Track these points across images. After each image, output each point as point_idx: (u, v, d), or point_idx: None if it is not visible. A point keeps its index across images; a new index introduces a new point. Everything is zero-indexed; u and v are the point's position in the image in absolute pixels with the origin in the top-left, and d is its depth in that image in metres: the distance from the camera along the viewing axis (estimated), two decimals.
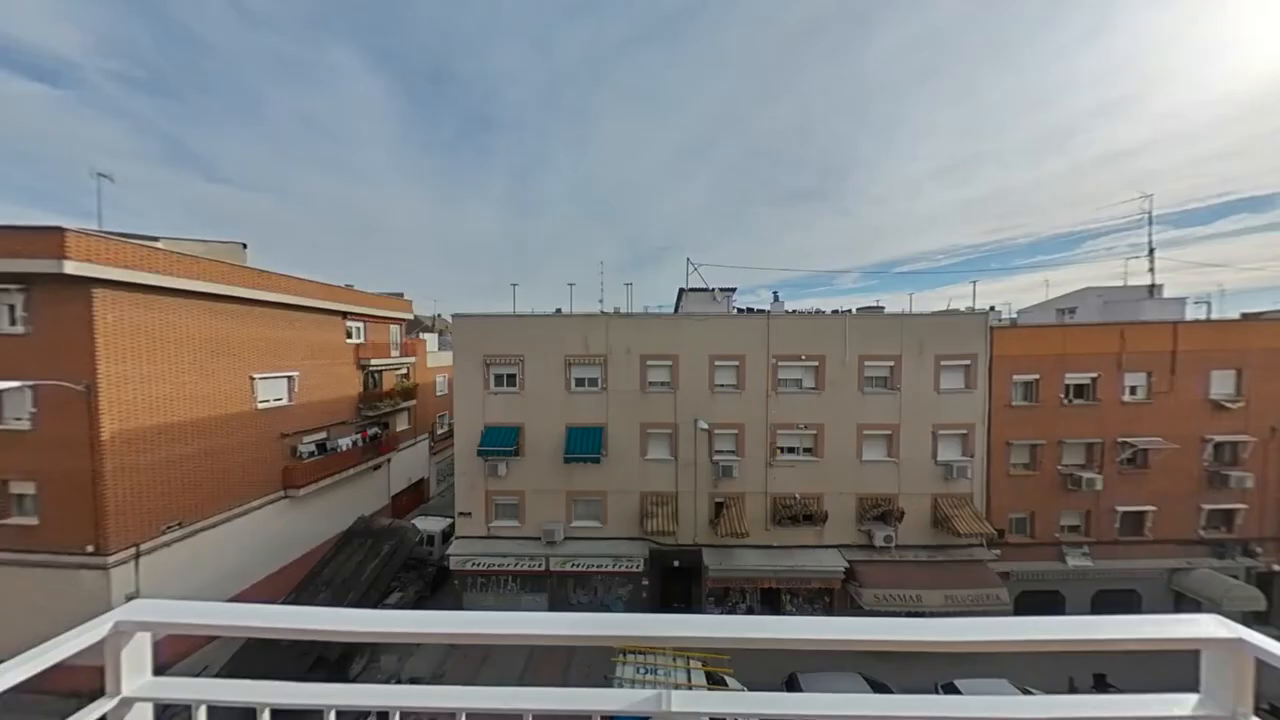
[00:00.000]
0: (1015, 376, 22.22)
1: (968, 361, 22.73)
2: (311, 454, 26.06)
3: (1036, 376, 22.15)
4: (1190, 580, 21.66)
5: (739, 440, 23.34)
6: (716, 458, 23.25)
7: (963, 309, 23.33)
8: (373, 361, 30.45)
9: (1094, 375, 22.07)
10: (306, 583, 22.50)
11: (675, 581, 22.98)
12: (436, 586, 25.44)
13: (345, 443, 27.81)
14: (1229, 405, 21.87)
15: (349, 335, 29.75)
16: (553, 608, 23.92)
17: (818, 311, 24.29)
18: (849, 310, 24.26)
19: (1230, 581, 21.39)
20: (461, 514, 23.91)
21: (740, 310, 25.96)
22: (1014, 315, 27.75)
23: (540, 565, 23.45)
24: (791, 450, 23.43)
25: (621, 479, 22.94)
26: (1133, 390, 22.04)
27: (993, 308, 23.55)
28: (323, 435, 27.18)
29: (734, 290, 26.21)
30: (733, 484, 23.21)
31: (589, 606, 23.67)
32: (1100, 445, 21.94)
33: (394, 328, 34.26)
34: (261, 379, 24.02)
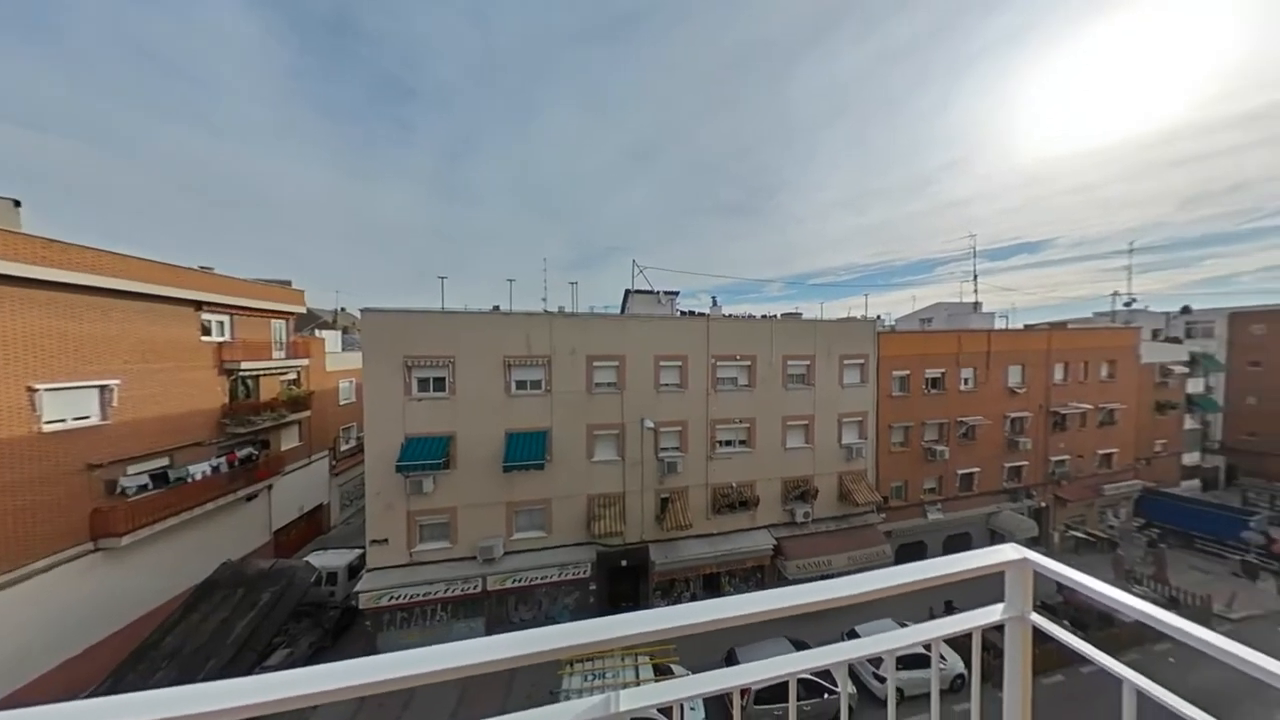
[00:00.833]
0: (894, 372, 20.37)
1: (862, 360, 20.49)
2: (143, 488, 14.45)
3: (908, 372, 20.58)
4: (998, 520, 21.93)
5: (683, 437, 18.52)
6: (662, 455, 18.61)
7: (858, 317, 22.09)
8: (244, 365, 18.53)
9: (943, 371, 21.16)
10: (136, 659, 12.39)
11: (623, 581, 17.04)
12: (340, 633, 15.99)
13: (200, 470, 16.15)
14: (1018, 391, 22.54)
15: (206, 332, 17.59)
16: (491, 631, 17.20)
17: (749, 316, 21.16)
18: (775, 316, 21.43)
19: (1020, 518, 21.87)
20: (374, 542, 15.04)
21: (683, 313, 20.59)
22: (893, 323, 27.75)
23: (476, 587, 16.28)
24: (729, 443, 19.21)
25: (567, 483, 16.52)
26: (965, 381, 21.65)
27: (879, 317, 22.76)
28: (162, 462, 15.40)
29: (677, 294, 20.83)
30: (677, 479, 18.14)
31: (534, 622, 17.23)
32: (947, 424, 21.18)
33: (278, 323, 20.99)
34: (51, 390, 12.36)
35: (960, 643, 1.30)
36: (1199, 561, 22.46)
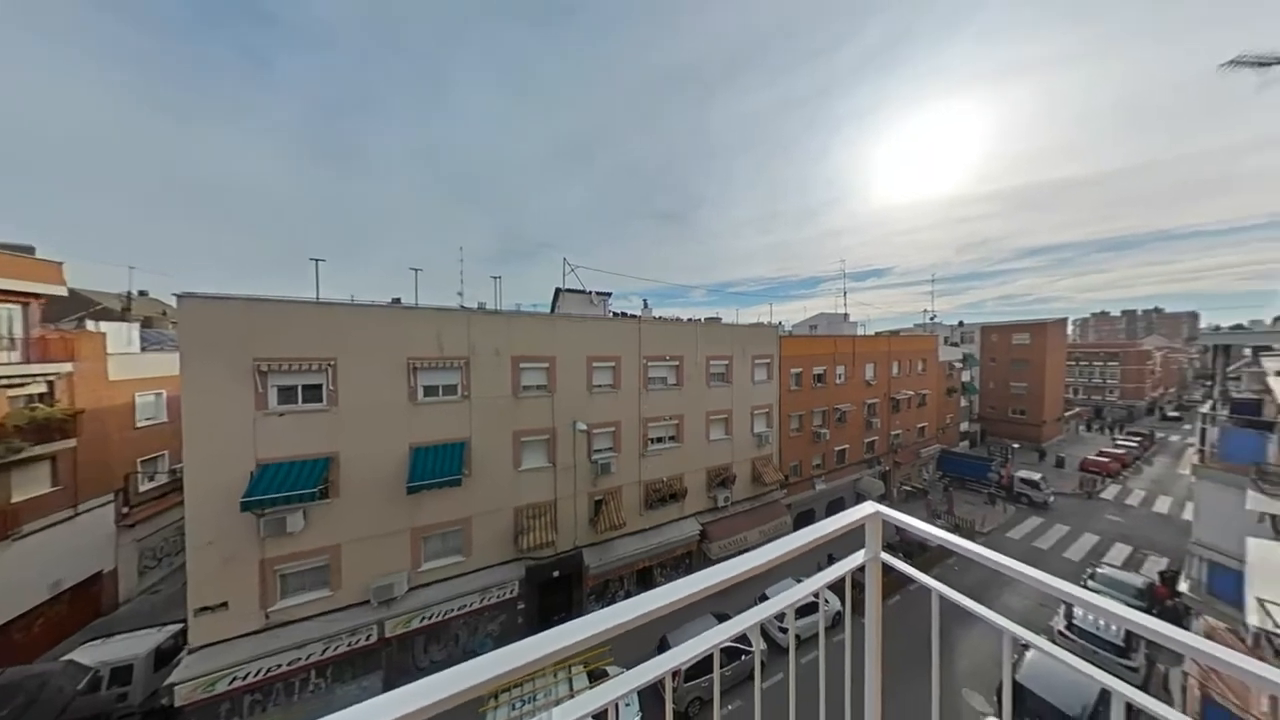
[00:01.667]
0: (791, 370, 18.04)
1: (769, 360, 18.51)
2: None
3: (801, 370, 18.41)
4: (861, 485, 20.86)
5: (616, 437, 13.95)
6: (596, 457, 14.35)
7: (765, 323, 20.27)
8: None
9: (825, 368, 19.41)
10: None
11: (555, 593, 12.18)
12: None
13: None
14: (871, 383, 21.76)
15: None
16: (392, 685, 11.49)
17: (677, 319, 17.90)
18: (699, 320, 18.53)
19: (874, 481, 20.94)
20: (203, 610, 8.41)
21: (616, 314, 16.02)
22: (790, 329, 26.40)
23: (369, 636, 9.67)
24: (660, 440, 15.20)
25: (490, 497, 11.26)
26: (839, 376, 20.18)
27: (780, 323, 21.00)
28: None
29: (610, 295, 16.10)
30: (611, 480, 13.58)
31: (448, 662, 11.94)
32: (828, 411, 19.52)
33: (8, 309, 10.09)
34: None
35: (838, 586, 1.20)
36: (970, 496, 24.43)
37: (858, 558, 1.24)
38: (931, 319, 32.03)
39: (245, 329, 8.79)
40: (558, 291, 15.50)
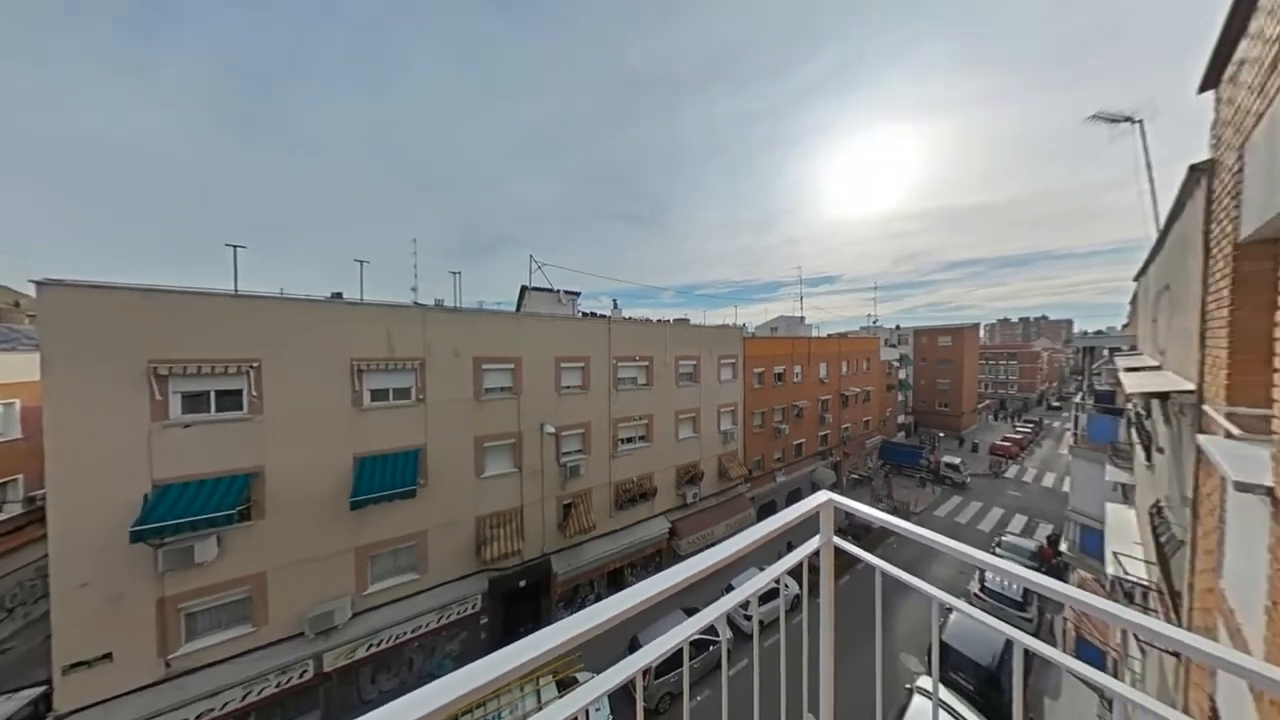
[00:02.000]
0: (754, 369, 17.32)
1: (734, 360, 18.12)
2: None
3: (763, 369, 17.69)
4: (816, 475, 20.35)
5: (586, 438, 12.59)
6: (564, 459, 12.92)
7: (730, 324, 19.49)
8: None
9: (784, 367, 18.88)
10: None
11: (521, 603, 10.60)
12: None
13: None
14: (824, 381, 21.51)
15: None
16: None
17: (646, 320, 16.76)
18: (668, 320, 17.47)
19: (828, 471, 20.62)
20: (75, 667, 6.05)
21: (585, 314, 14.42)
22: (753, 330, 25.93)
23: (304, 673, 7.56)
24: (630, 440, 13.83)
25: (449, 508, 9.55)
26: (797, 375, 19.68)
27: (744, 325, 20.43)
28: None
29: (579, 294, 14.54)
30: (580, 482, 12.06)
31: (400, 690, 8.99)
32: (787, 408, 18.96)
33: None
34: None
35: (796, 571, 1.17)
36: (906, 481, 25.10)
37: (813, 543, 1.24)
38: (874, 323, 32.93)
39: (138, 325, 6.76)
40: (524, 289, 13.95)
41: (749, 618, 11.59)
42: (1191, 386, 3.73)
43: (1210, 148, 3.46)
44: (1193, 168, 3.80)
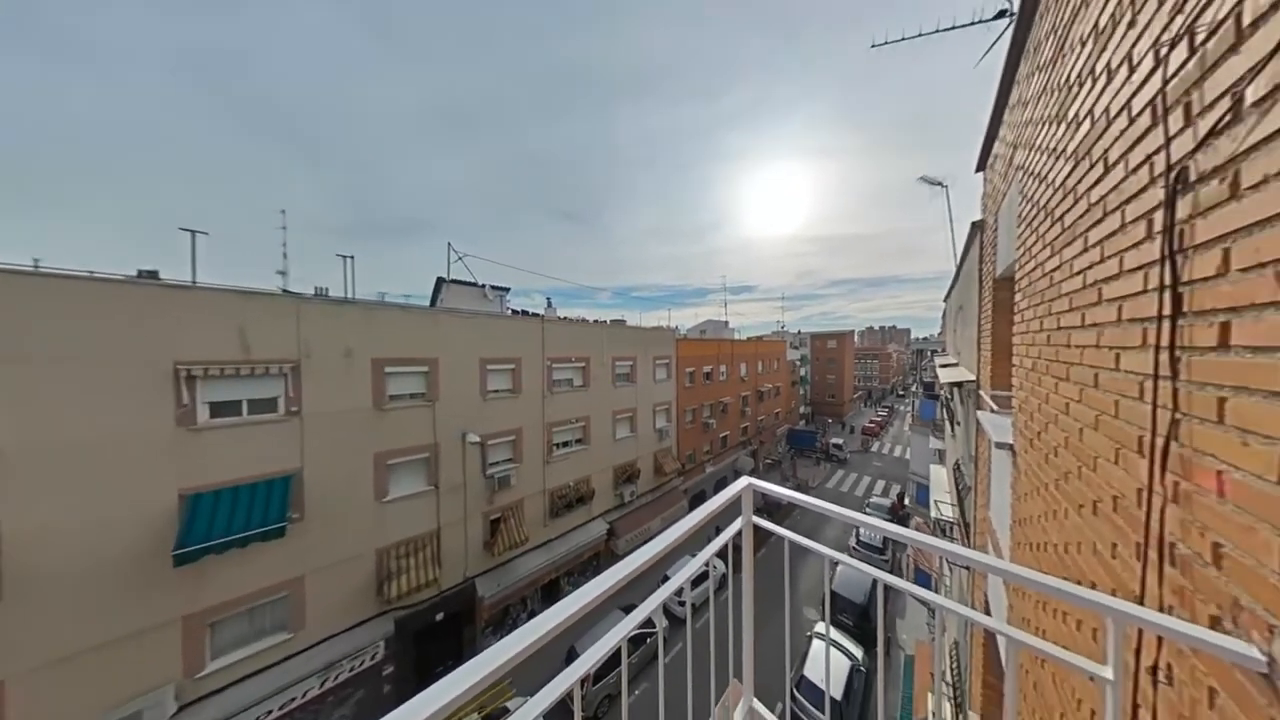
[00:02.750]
0: (686, 369, 18.35)
1: (668, 360, 18.82)
2: None
3: (693, 369, 18.72)
4: (738, 463, 22.30)
5: (517, 445, 11.67)
6: (492, 470, 11.52)
7: (665, 326, 19.92)
8: None
9: (712, 367, 20.12)
10: None
11: (438, 639, 9.20)
12: None
13: None
14: (744, 379, 24.21)
15: None
16: None
17: (582, 320, 15.93)
18: (605, 321, 17.02)
19: (748, 459, 23.15)
20: None
21: (516, 311, 13.19)
22: (685, 333, 26.68)
23: None
24: (566, 444, 13.04)
25: (338, 543, 7.70)
26: (722, 374, 21.20)
27: (676, 327, 21.09)
28: None
29: (508, 290, 13.00)
30: (511, 493, 11.10)
31: None
32: (715, 404, 20.25)
33: None
34: None
35: (723, 552, 1.28)
36: (806, 462, 29.91)
37: (736, 525, 1.33)
38: (781, 328, 38.04)
39: None
40: (441, 282, 12.19)
41: (682, 603, 12.15)
42: (973, 377, 5.12)
43: (981, 211, 4.80)
44: (973, 224, 5.25)
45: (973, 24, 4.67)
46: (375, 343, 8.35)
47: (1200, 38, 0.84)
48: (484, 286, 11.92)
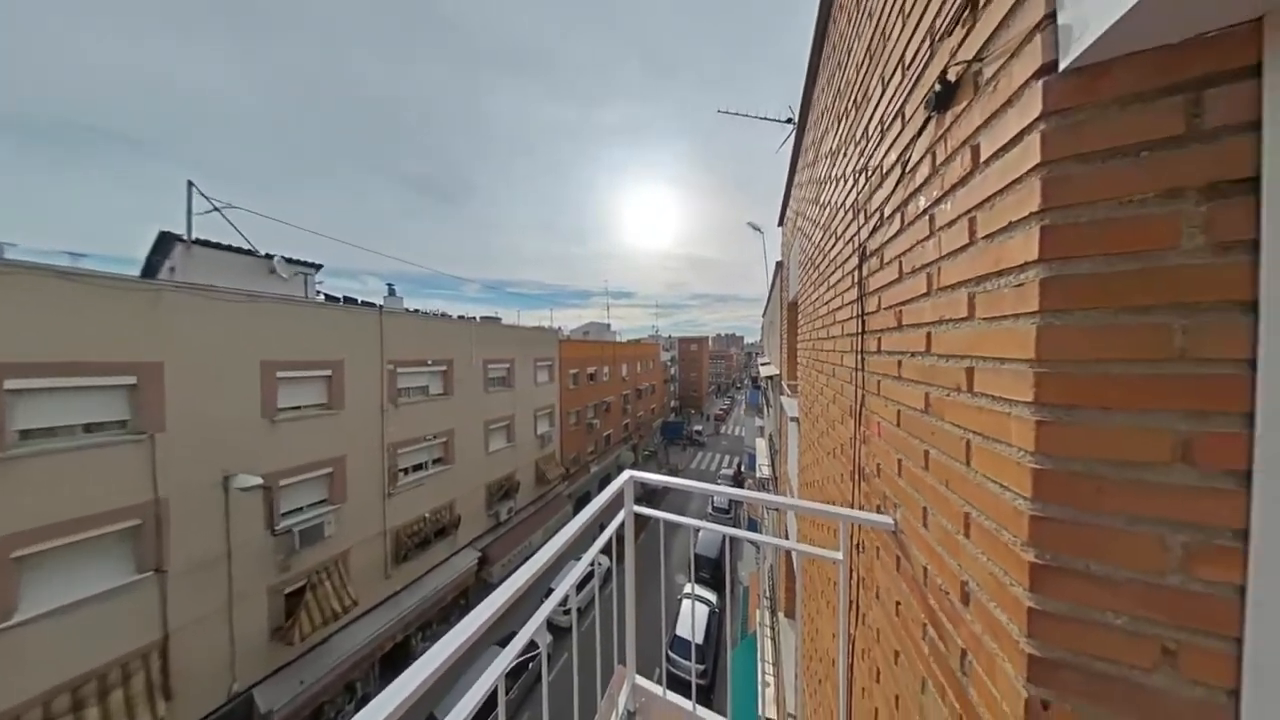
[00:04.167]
0: (570, 370, 18.15)
1: (550, 362, 17.66)
2: None
3: (577, 370, 18.43)
4: (620, 459, 23.08)
5: (336, 481, 8.40)
6: (287, 524, 7.63)
7: (547, 326, 18.18)
8: None
9: (595, 368, 20.40)
10: None
11: None
12: None
13: None
14: (625, 379, 26.56)
15: None
16: None
17: (445, 315, 12.31)
18: (475, 318, 13.93)
19: (629, 453, 25.91)
20: None
21: (333, 297, 9.26)
22: (568, 333, 24.70)
23: None
24: (420, 467, 10.60)
25: None
26: (605, 375, 21.56)
27: (559, 328, 19.58)
28: None
29: (317, 268, 8.95)
30: (324, 549, 7.97)
31: None
32: (599, 404, 20.33)
33: None
34: None
35: (606, 548, 1.25)
36: (676, 449, 34.56)
37: (620, 517, 1.40)
38: (656, 332, 42.32)
39: None
40: (167, 239, 7.59)
41: (567, 612, 11.79)
42: (779, 372, 7.01)
43: (781, 254, 6.65)
44: (777, 263, 7.21)
45: (777, 121, 6.35)
46: None
47: (868, 173, 1.41)
48: (271, 258, 8.15)
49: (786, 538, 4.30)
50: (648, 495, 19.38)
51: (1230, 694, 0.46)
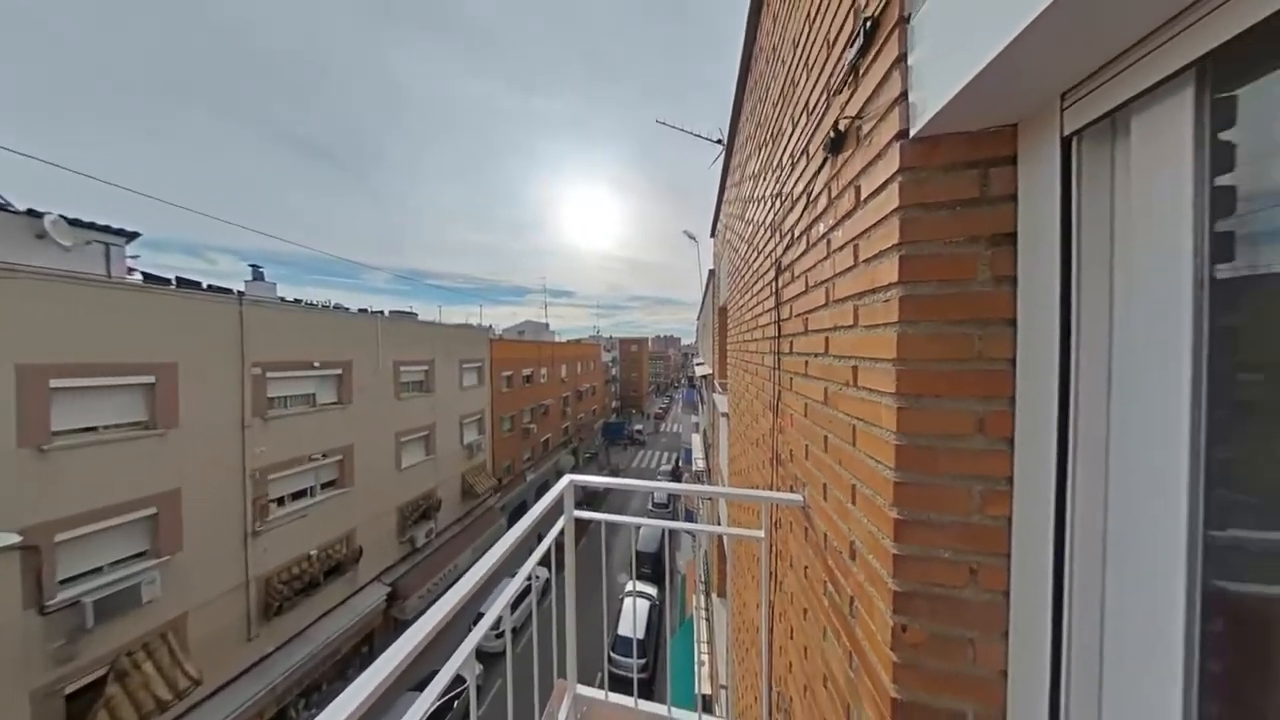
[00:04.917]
0: (503, 372, 16.80)
1: (479, 364, 15.81)
2: None
3: (511, 372, 17.02)
4: (560, 463, 21.98)
5: (161, 526, 6.02)
6: (70, 594, 5.16)
7: (476, 324, 16.02)
8: None
9: (531, 370, 18.98)
10: None
11: None
12: None
13: None
14: (565, 380, 24.78)
15: None
16: None
17: (340, 307, 9.68)
18: (382, 312, 11.40)
19: (569, 456, 24.41)
20: None
21: (156, 278, 6.79)
22: (501, 332, 21.94)
23: None
24: (302, 495, 8.51)
25: None
26: (543, 376, 20.35)
27: (491, 326, 17.45)
28: None
29: (131, 237, 5.85)
30: (141, 619, 5.74)
31: None
32: (535, 407, 19.10)
33: None
34: None
35: (545, 558, 1.18)
36: (617, 449, 34.77)
37: (559, 524, 1.33)
38: (597, 333, 41.82)
39: None
40: None
41: (500, 635, 10.88)
42: (712, 371, 7.59)
43: (713, 262, 7.22)
44: (710, 270, 7.79)
45: (709, 140, 6.83)
46: None
47: (783, 198, 1.63)
48: (40, 216, 5.65)
49: (719, 524, 4.61)
50: (589, 498, 19.02)
51: (1004, 594, 0.66)
